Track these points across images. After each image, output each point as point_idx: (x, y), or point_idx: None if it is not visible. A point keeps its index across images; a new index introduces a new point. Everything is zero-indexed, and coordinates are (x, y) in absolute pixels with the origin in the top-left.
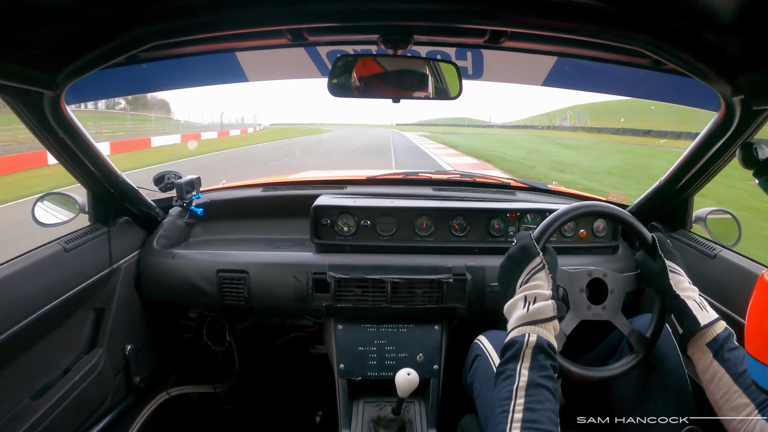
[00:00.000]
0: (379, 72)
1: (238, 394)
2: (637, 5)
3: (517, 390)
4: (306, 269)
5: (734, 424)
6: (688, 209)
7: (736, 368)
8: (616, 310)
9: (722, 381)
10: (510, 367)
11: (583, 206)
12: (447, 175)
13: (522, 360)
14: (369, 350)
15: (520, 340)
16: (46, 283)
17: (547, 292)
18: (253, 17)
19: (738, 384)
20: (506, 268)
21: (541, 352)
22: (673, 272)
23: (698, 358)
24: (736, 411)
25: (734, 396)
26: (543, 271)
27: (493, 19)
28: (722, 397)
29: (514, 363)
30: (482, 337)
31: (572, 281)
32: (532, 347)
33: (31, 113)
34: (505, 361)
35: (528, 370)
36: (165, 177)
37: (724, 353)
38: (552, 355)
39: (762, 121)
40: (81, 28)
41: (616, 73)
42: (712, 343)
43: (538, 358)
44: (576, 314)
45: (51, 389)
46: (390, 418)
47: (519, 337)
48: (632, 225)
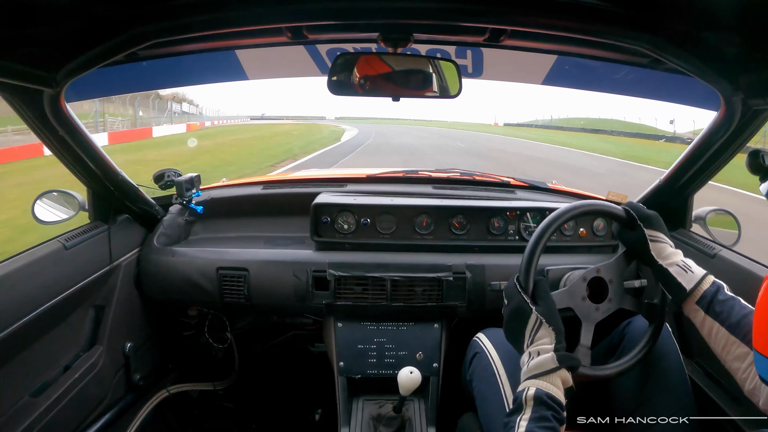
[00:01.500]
0: (379, 70)
1: (237, 392)
2: (637, 4)
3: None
4: (306, 267)
5: (740, 375)
6: (688, 208)
7: (729, 320)
8: (621, 295)
9: (719, 334)
10: (512, 420)
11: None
12: (447, 174)
13: (523, 412)
14: (369, 348)
15: (521, 395)
16: (46, 281)
17: (549, 346)
18: (253, 15)
19: (734, 334)
20: (507, 331)
21: (540, 404)
22: (653, 240)
23: (693, 318)
24: (738, 360)
25: (733, 347)
26: (543, 327)
27: (493, 18)
28: (723, 350)
29: (515, 416)
30: (481, 334)
31: (572, 295)
32: (531, 399)
33: (32, 111)
34: (509, 414)
35: (527, 422)
36: (165, 175)
37: (714, 307)
38: (553, 406)
39: (762, 121)
40: (81, 26)
41: (615, 72)
42: (701, 301)
43: (538, 409)
44: (589, 322)
45: (51, 387)
46: (390, 416)
47: (520, 392)
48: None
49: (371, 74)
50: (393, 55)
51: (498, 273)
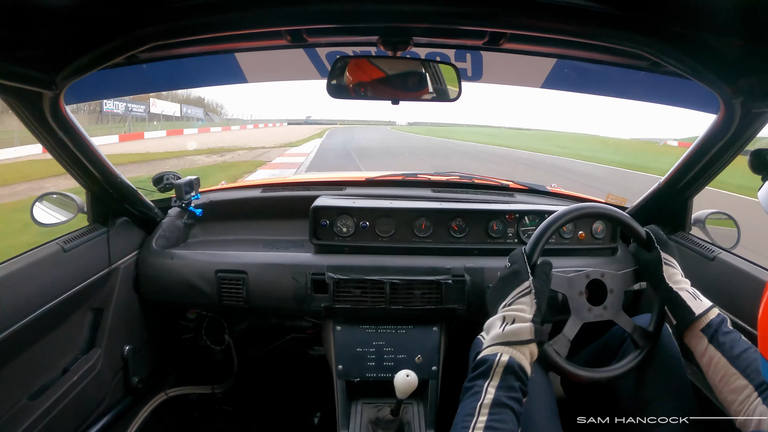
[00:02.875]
0: (378, 73)
1: (236, 395)
2: (636, 7)
3: (480, 407)
4: (305, 270)
5: (735, 407)
6: (688, 211)
7: (731, 351)
8: (617, 309)
9: (719, 365)
10: (478, 384)
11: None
12: (446, 177)
13: (491, 378)
14: (367, 351)
15: (492, 359)
16: (44, 284)
17: (527, 315)
18: (253, 18)
19: (735, 366)
20: (496, 289)
21: (510, 373)
22: (667, 264)
23: (695, 345)
24: (735, 393)
25: (732, 378)
26: (529, 296)
27: (492, 21)
28: (720, 381)
29: (482, 380)
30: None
31: (571, 285)
32: (503, 367)
33: (31, 114)
34: (474, 377)
35: (495, 389)
36: (164, 177)
37: (719, 337)
38: (522, 378)
39: (761, 123)
40: (81, 28)
41: (615, 75)
42: (707, 329)
43: (507, 378)
44: (578, 318)
45: (49, 389)
46: (388, 419)
47: (491, 355)
48: (624, 222)
49: (370, 78)
50: (392, 59)
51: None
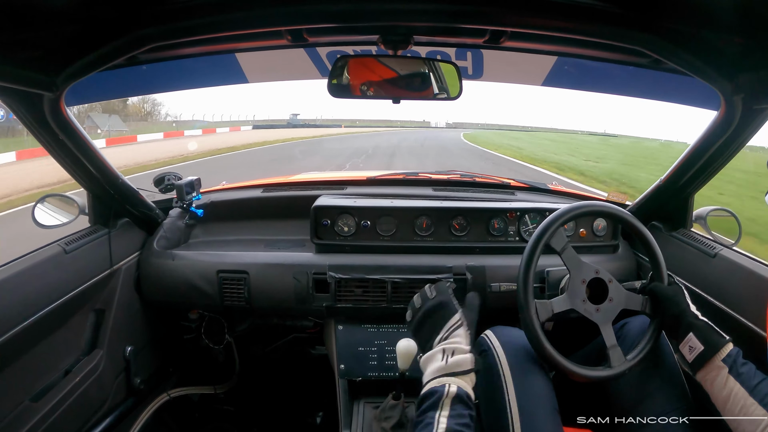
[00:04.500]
0: (379, 72)
1: (238, 395)
2: (637, 5)
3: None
4: (306, 269)
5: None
6: (689, 208)
7: (750, 382)
8: (607, 319)
9: (738, 395)
10: (429, 416)
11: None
12: (447, 176)
13: (441, 409)
14: (369, 351)
15: (441, 390)
16: (46, 285)
17: (466, 347)
18: (254, 18)
19: (753, 396)
20: (423, 323)
21: (459, 402)
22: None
23: (714, 376)
24: (754, 424)
25: (751, 409)
26: (462, 329)
27: (493, 19)
28: (740, 411)
29: (432, 412)
30: (489, 332)
31: (578, 269)
32: (452, 397)
33: (32, 115)
34: (424, 410)
35: (447, 419)
36: (165, 178)
37: (738, 368)
38: (470, 405)
39: (762, 120)
40: (81, 29)
41: (615, 72)
42: (727, 359)
43: (457, 407)
44: (570, 300)
45: (51, 391)
46: (391, 405)
47: (439, 387)
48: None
49: (371, 77)
50: (393, 58)
51: (498, 274)
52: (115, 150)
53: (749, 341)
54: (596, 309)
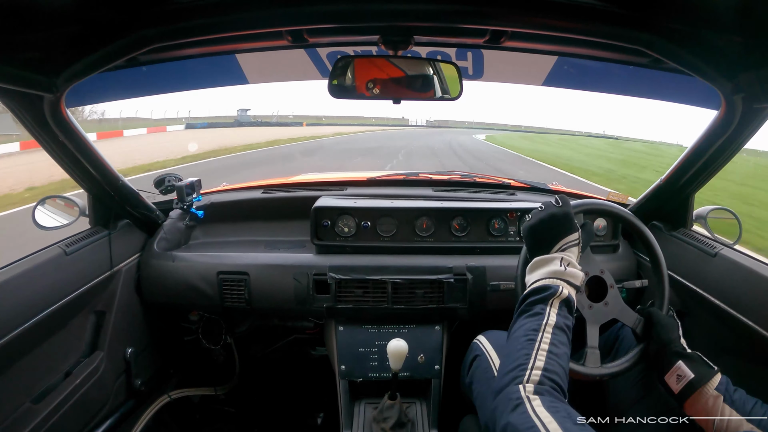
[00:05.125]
0: (379, 72)
1: (239, 397)
2: (637, 5)
3: (545, 326)
4: (306, 270)
5: None
6: (689, 208)
7: (744, 407)
8: (596, 320)
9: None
10: (539, 307)
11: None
12: (447, 176)
13: (551, 305)
14: (370, 351)
15: (554, 288)
16: (46, 287)
17: (579, 268)
18: (254, 19)
19: (751, 421)
20: (544, 227)
21: (566, 306)
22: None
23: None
24: None
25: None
26: (576, 248)
27: (493, 19)
28: None
29: (543, 305)
30: (482, 337)
31: (585, 262)
32: (563, 298)
33: (32, 116)
34: (533, 301)
35: (555, 315)
36: (165, 179)
37: (731, 395)
38: (572, 315)
39: (762, 119)
40: (81, 30)
41: (616, 72)
42: (720, 387)
43: (563, 310)
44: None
45: (52, 393)
46: (388, 405)
47: (553, 285)
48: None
49: (372, 77)
50: (394, 58)
51: (499, 274)
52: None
53: (750, 340)
54: (589, 305)
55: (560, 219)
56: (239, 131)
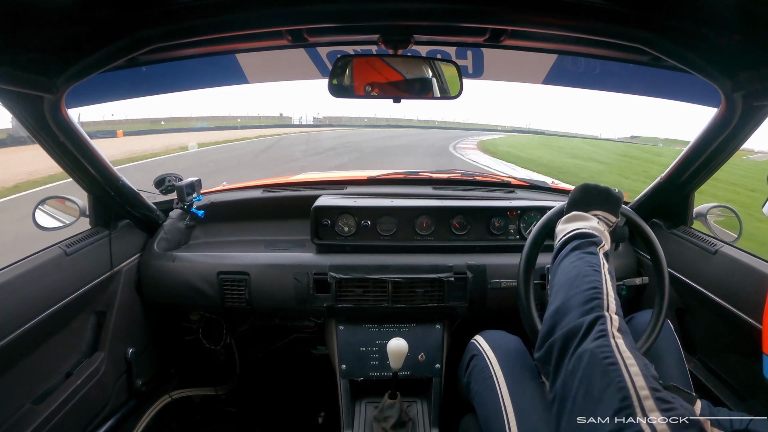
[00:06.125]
0: (380, 72)
1: (239, 396)
2: (637, 3)
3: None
4: (307, 270)
5: None
6: (689, 205)
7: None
8: None
9: None
10: (591, 249)
11: None
12: (447, 174)
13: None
14: (370, 350)
15: (599, 238)
16: (47, 287)
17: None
18: (254, 19)
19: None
20: (601, 193)
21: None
22: None
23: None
24: None
25: None
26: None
27: (493, 18)
28: None
29: (594, 246)
30: (479, 337)
31: None
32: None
33: (32, 117)
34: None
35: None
36: (166, 179)
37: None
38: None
39: (762, 117)
40: (81, 31)
41: (616, 70)
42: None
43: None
44: None
45: (53, 393)
46: (388, 405)
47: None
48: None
49: (372, 76)
50: (393, 57)
51: (499, 272)
52: None
53: (750, 337)
54: None
55: (614, 199)
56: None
